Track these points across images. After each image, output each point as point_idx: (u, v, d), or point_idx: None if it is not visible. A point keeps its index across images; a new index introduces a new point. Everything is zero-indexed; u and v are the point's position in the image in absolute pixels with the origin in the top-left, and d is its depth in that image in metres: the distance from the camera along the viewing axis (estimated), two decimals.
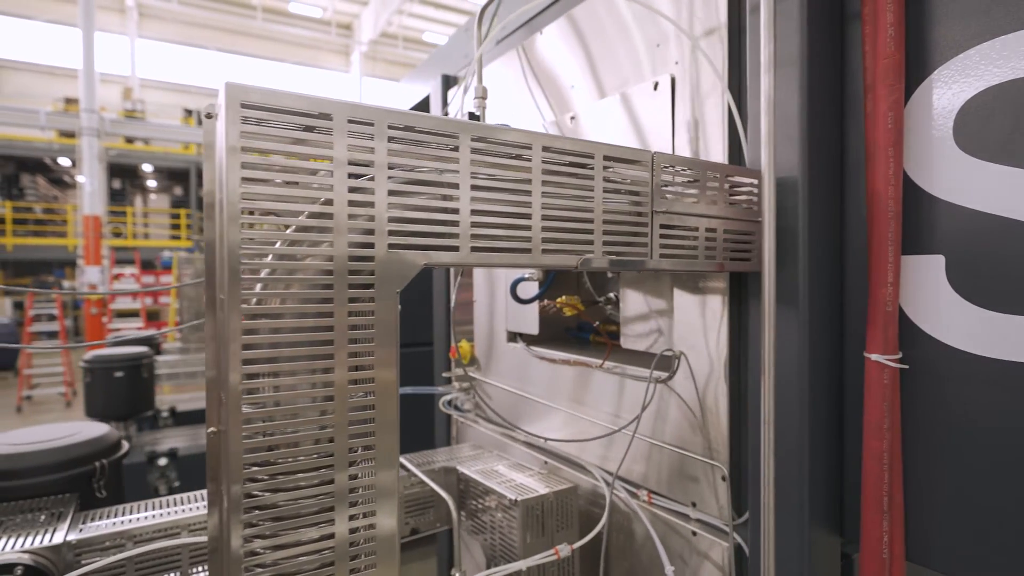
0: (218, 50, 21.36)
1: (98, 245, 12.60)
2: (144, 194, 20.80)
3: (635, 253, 1.03)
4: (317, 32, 22.43)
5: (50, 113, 13.73)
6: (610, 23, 1.69)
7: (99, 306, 12.53)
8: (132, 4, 19.71)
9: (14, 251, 16.02)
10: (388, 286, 0.79)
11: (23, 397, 9.98)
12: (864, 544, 1.18)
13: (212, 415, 0.81)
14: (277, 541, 0.74)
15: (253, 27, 21.27)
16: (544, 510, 1.67)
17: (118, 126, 14.04)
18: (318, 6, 21.40)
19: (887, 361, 1.12)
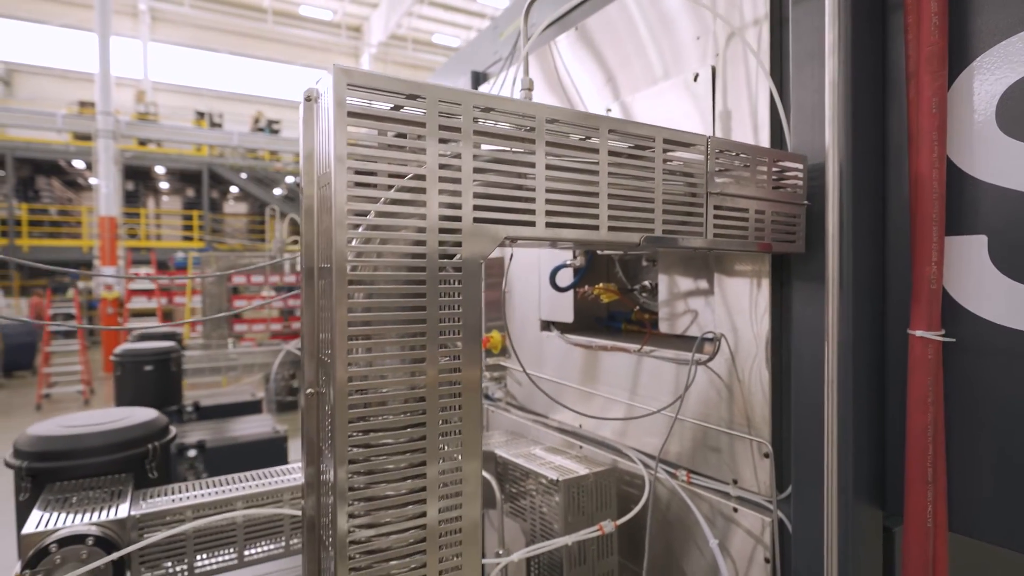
0: (229, 53, 21.54)
1: (114, 246, 12.74)
2: (157, 196, 21.00)
3: (691, 232, 1.08)
4: (327, 35, 22.59)
5: (66, 116, 13.91)
6: (649, 17, 1.74)
7: (115, 306, 12.68)
8: (145, 8, 19.93)
9: (30, 252, 16.22)
10: (473, 260, 0.84)
11: (42, 395, 10.12)
12: (908, 515, 1.22)
13: (311, 377, 0.86)
14: (371, 520, 0.79)
15: (264, 30, 21.45)
16: (584, 491, 1.72)
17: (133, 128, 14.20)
18: (328, 8, 21.55)
19: (932, 336, 1.16)
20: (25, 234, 16.13)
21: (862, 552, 1.32)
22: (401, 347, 0.81)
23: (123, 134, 13.54)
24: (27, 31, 19.19)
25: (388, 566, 0.81)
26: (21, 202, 16.63)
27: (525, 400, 2.40)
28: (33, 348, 12.72)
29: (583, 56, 2.02)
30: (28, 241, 16.23)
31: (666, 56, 1.69)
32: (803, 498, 1.38)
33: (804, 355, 1.35)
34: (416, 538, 0.83)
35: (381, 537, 0.81)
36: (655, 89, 1.70)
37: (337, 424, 0.76)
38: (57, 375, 10.63)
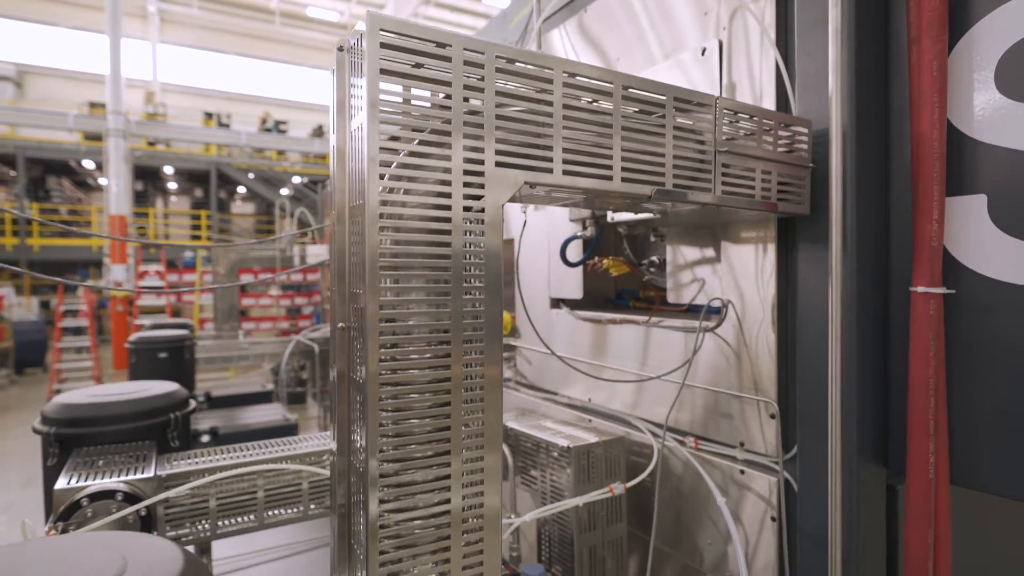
0: (237, 54, 21.71)
1: (123, 244, 12.85)
2: (165, 196, 21.16)
3: (700, 188, 1.13)
4: (334, 36, 22.71)
5: (77, 116, 14.07)
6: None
7: (124, 304, 12.79)
8: (154, 10, 20.11)
9: (40, 251, 16.39)
10: (495, 205, 0.89)
11: (53, 391, 10.23)
12: (910, 467, 1.26)
13: (342, 313, 0.91)
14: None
15: (271, 31, 21.62)
16: (594, 458, 1.76)
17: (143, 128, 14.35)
18: (335, 10, 21.70)
19: (934, 291, 1.20)
20: (36, 233, 16.30)
21: (866, 510, 1.36)
22: (426, 280, 0.86)
23: (133, 133, 13.68)
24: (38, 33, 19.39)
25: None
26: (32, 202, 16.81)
27: (535, 378, 2.44)
28: (44, 346, 12.86)
29: (594, 36, 2.07)
30: (39, 240, 16.40)
31: (676, 32, 1.73)
32: (808, 457, 1.41)
33: (809, 317, 1.39)
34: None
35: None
36: (665, 65, 1.74)
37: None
38: (68, 371, 10.74)
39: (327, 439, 1.96)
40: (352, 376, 0.89)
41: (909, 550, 1.25)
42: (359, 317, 0.87)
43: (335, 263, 0.95)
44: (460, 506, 0.90)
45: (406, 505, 0.85)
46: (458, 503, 0.89)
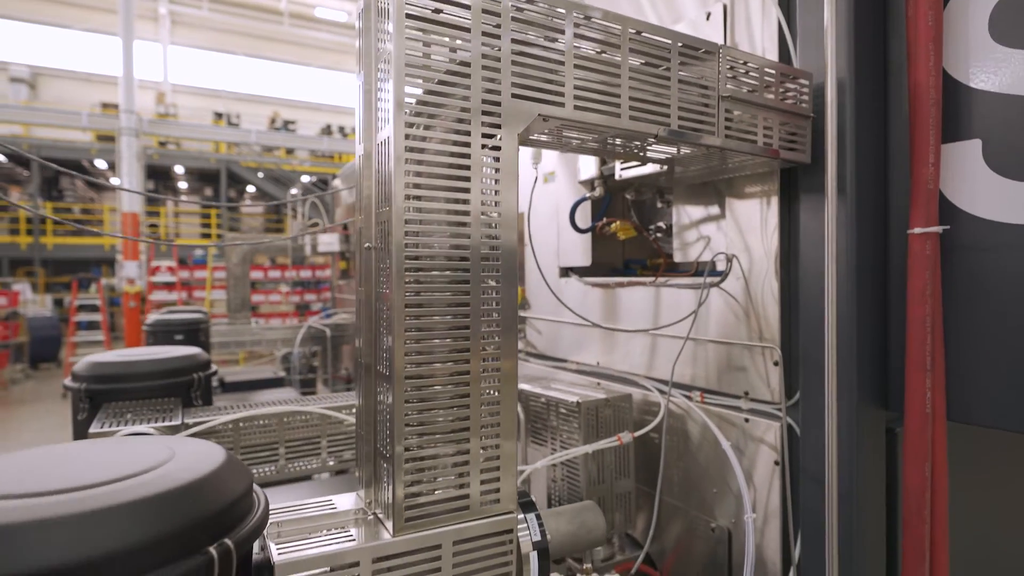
0: (246, 55, 21.92)
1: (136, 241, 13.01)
2: (176, 195, 21.35)
3: (705, 130, 1.19)
4: (342, 36, 22.90)
5: (91, 115, 14.27)
6: None
7: (137, 300, 12.95)
8: (165, 12, 20.34)
9: (54, 250, 16.62)
10: (511, 136, 0.95)
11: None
12: (908, 402, 1.31)
13: (367, 234, 0.98)
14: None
15: (280, 32, 21.81)
16: (602, 413, 1.81)
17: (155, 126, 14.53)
18: (343, 11, 21.86)
19: (930, 230, 1.25)
20: (49, 232, 16.53)
21: (865, 450, 1.41)
22: (447, 212, 0.93)
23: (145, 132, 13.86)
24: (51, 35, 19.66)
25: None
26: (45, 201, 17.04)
27: (545, 347, 2.50)
28: (58, 341, 13.05)
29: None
30: (52, 239, 16.62)
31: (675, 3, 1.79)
32: (810, 402, 1.47)
33: (811, 265, 1.44)
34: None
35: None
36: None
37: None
38: None
39: (349, 397, 2.02)
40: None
41: (907, 483, 1.30)
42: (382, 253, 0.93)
43: (363, 195, 1.02)
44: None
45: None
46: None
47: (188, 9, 20.66)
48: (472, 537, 0.93)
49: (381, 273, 0.94)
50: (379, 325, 0.95)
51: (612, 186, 1.87)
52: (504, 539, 0.96)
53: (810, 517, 1.45)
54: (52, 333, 12.72)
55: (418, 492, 0.91)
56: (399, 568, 0.88)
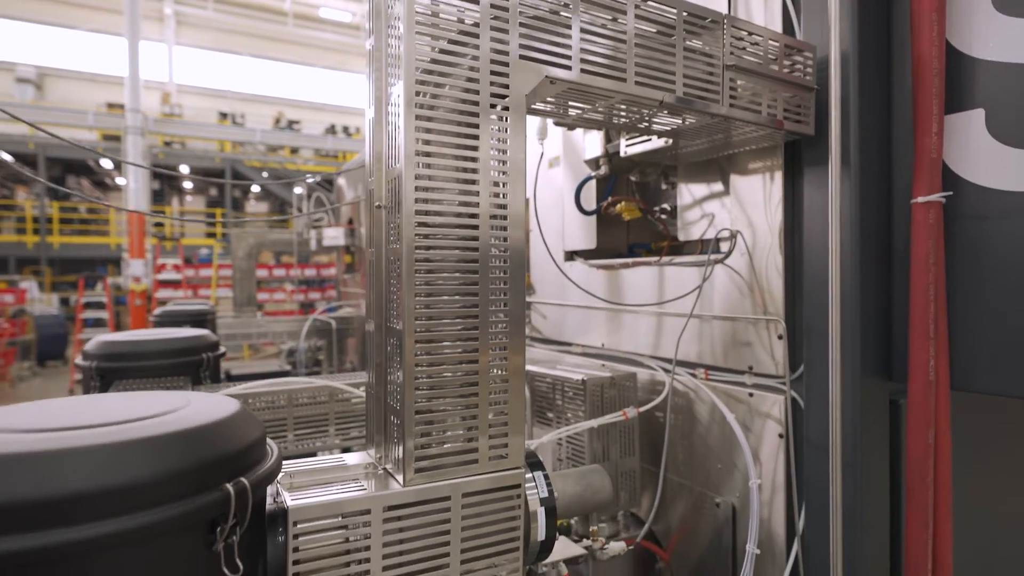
0: (251, 56, 22.01)
1: (142, 240, 13.09)
2: (181, 195, 21.47)
3: (709, 98, 1.20)
4: (346, 36, 22.97)
5: (97, 114, 14.37)
6: None
7: (143, 298, 13.01)
8: (170, 12, 20.45)
9: (60, 249, 16.72)
10: (518, 93, 0.97)
11: (75, 381, 10.45)
12: (912, 370, 1.31)
13: (377, 193, 1.00)
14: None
15: (284, 33, 21.89)
16: (607, 393, 1.82)
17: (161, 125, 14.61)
18: (347, 11, 21.94)
19: (933, 199, 1.26)
20: (56, 231, 16.63)
21: (868, 420, 1.42)
22: (456, 170, 0.94)
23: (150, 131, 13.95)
24: (57, 36, 19.77)
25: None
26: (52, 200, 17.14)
27: (550, 332, 2.52)
28: (64, 339, 13.12)
29: None
30: (59, 238, 16.72)
31: None
32: (814, 374, 1.48)
33: (815, 238, 1.46)
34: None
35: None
36: None
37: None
38: None
39: (356, 376, 2.04)
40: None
41: (911, 450, 1.31)
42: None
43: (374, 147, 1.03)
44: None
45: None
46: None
47: (193, 10, 20.76)
48: (480, 490, 0.95)
49: (391, 231, 0.96)
50: (390, 283, 0.97)
51: (617, 165, 1.88)
52: (512, 494, 0.98)
53: (814, 488, 1.46)
54: (59, 331, 12.79)
55: (427, 444, 0.92)
56: (409, 518, 0.89)
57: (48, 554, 0.58)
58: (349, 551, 0.85)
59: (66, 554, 0.59)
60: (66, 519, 0.59)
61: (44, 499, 0.59)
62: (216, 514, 0.70)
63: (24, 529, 0.58)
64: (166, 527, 0.65)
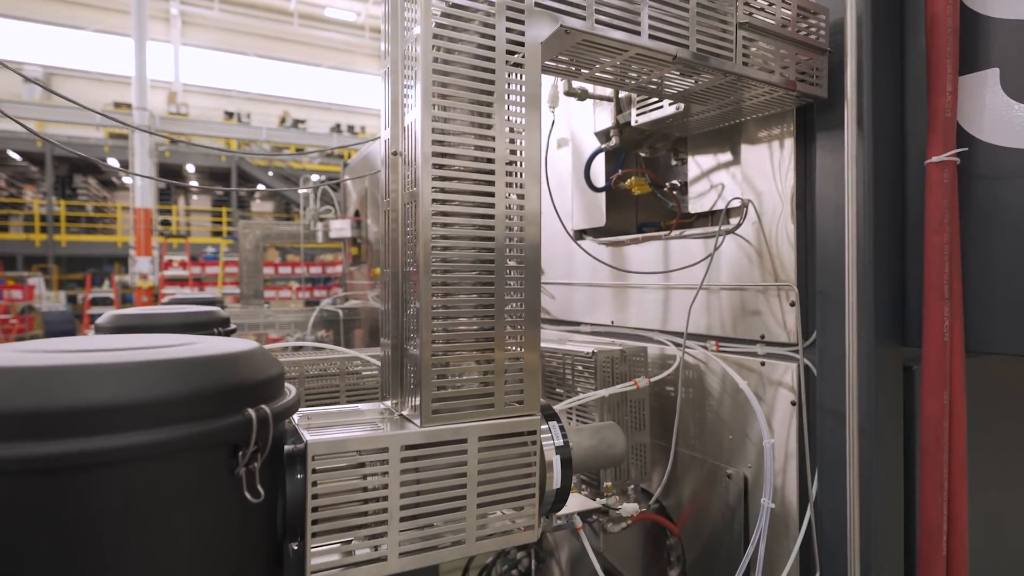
0: (256, 56, 22.11)
1: (148, 237, 13.17)
2: (186, 194, 21.56)
3: (722, 55, 1.20)
4: (351, 36, 23.06)
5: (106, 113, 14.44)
6: None
7: (149, 295, 13.09)
8: (176, 13, 20.57)
9: (68, 247, 16.82)
10: (534, 41, 0.97)
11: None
12: (926, 331, 1.31)
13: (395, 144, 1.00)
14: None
15: (290, 32, 21.99)
16: (617, 369, 1.81)
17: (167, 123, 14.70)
18: (352, 11, 22.02)
19: (947, 158, 1.26)
20: (63, 229, 16.73)
21: (884, 387, 1.41)
22: (471, 112, 0.95)
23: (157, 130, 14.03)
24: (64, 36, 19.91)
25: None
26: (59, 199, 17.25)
27: (559, 312, 2.52)
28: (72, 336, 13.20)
29: None
30: (66, 236, 16.82)
31: None
32: (828, 340, 1.47)
33: (828, 203, 1.45)
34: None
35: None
36: None
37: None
38: None
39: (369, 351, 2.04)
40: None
41: (925, 411, 1.31)
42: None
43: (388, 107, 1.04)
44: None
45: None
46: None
47: (199, 9, 20.87)
48: (497, 435, 0.95)
49: (407, 178, 0.96)
50: (405, 230, 0.97)
51: (627, 138, 1.88)
52: (527, 440, 0.98)
53: (828, 453, 1.45)
54: (66, 328, 12.87)
55: (444, 386, 0.92)
56: (427, 458, 0.89)
57: (82, 459, 0.59)
58: (366, 489, 0.86)
59: (98, 462, 0.60)
60: (99, 428, 0.60)
61: (80, 408, 0.60)
62: (238, 437, 0.70)
63: (61, 435, 0.59)
64: (191, 443, 0.65)
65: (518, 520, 0.97)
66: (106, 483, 0.61)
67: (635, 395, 1.76)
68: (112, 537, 0.61)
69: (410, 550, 0.88)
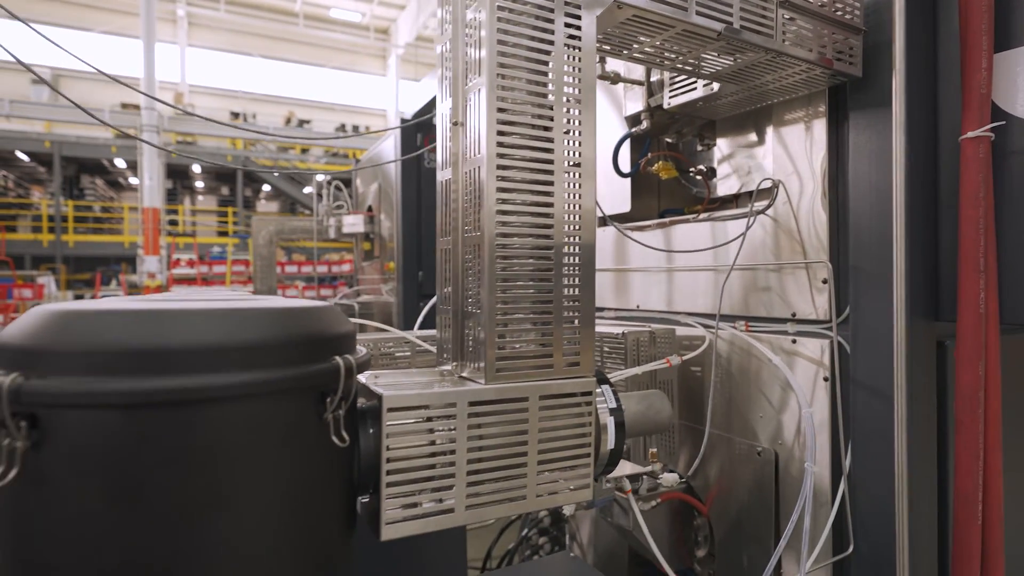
0: (262, 56, 22.21)
1: (156, 236, 13.23)
2: (192, 195, 21.67)
3: (764, 32, 1.23)
4: (356, 36, 23.14)
5: (114, 112, 14.54)
6: None
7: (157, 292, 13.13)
8: (183, 14, 20.67)
9: (75, 247, 16.90)
10: (591, 14, 1.00)
11: None
12: (961, 302, 1.34)
13: (456, 114, 1.03)
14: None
15: (295, 33, 22.08)
16: (645, 348, 1.84)
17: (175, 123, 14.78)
18: (357, 11, 22.09)
19: (982, 133, 1.28)
20: (71, 230, 16.82)
21: (918, 360, 1.44)
22: (529, 71, 0.98)
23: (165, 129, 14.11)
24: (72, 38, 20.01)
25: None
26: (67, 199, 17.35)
27: None
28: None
29: None
30: (73, 236, 16.91)
31: None
32: (861, 315, 1.50)
33: (861, 180, 1.48)
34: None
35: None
36: None
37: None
38: None
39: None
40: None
41: (960, 383, 1.33)
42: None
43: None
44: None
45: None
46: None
47: (205, 11, 20.97)
48: (555, 394, 0.98)
49: (470, 146, 0.99)
50: (464, 198, 1.00)
51: (657, 122, 1.91)
52: (584, 400, 1.01)
53: (861, 426, 1.48)
54: None
55: (504, 346, 0.95)
56: (491, 415, 0.92)
57: (191, 394, 0.62)
58: (434, 442, 0.89)
59: (201, 398, 0.63)
60: (204, 367, 0.63)
61: (190, 347, 0.63)
62: (326, 384, 0.73)
63: (171, 372, 0.62)
64: (286, 384, 0.68)
65: (574, 480, 1.00)
66: (217, 417, 0.64)
67: (664, 375, 1.78)
68: (221, 467, 0.64)
69: (475, 503, 0.91)
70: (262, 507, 0.68)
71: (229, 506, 0.65)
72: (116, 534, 0.61)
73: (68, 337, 0.61)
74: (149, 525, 0.62)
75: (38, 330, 0.63)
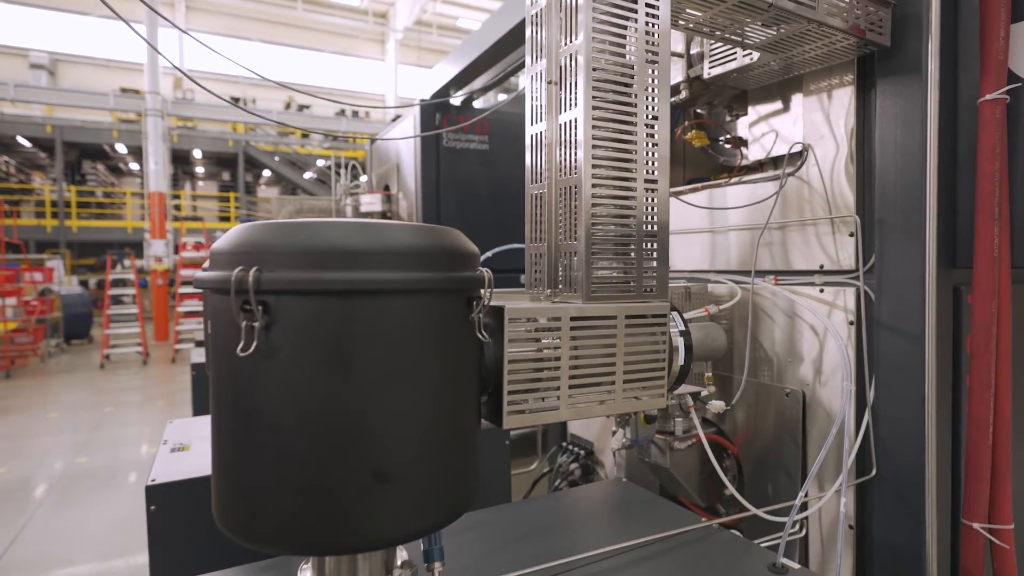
0: (261, 41, 22.11)
1: (163, 220, 13.31)
2: (193, 180, 21.68)
3: (808, 5, 1.38)
4: (354, 21, 23.04)
5: (117, 96, 14.53)
6: None
7: (164, 278, 13.26)
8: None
9: (79, 232, 16.95)
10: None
11: (104, 356, 10.73)
12: (977, 247, 1.50)
13: (550, 74, 1.18)
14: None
15: (294, 17, 21.98)
16: (681, 302, 2.00)
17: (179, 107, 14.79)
18: None
19: (999, 95, 1.44)
20: (74, 215, 16.85)
21: (938, 303, 1.60)
22: (609, 33, 1.13)
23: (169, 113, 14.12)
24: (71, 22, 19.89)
25: None
26: (70, 185, 17.37)
27: None
28: (89, 319, 13.38)
29: None
30: (76, 222, 16.95)
31: None
32: (885, 264, 1.66)
33: (887, 141, 1.64)
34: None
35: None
36: None
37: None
38: (116, 338, 11.23)
39: None
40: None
41: (976, 318, 1.50)
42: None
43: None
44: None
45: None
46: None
47: None
48: (638, 315, 1.14)
49: (566, 102, 1.15)
50: (567, 149, 1.16)
51: (694, 93, 2.06)
52: (659, 321, 1.17)
53: (885, 363, 1.65)
54: (84, 310, 13.06)
55: (596, 274, 1.12)
56: (586, 328, 1.09)
57: (385, 285, 0.78)
58: (542, 351, 1.05)
59: (391, 289, 0.79)
60: (394, 265, 0.79)
61: (384, 248, 0.79)
62: (473, 288, 0.90)
63: (371, 268, 0.78)
64: (449, 284, 0.85)
65: (651, 389, 1.17)
66: (402, 305, 0.81)
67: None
68: (404, 346, 0.81)
69: (574, 403, 1.08)
70: (430, 381, 0.84)
71: (408, 378, 0.81)
72: (329, 395, 0.78)
73: (293, 240, 0.77)
74: (354, 388, 0.78)
75: (264, 237, 0.79)
